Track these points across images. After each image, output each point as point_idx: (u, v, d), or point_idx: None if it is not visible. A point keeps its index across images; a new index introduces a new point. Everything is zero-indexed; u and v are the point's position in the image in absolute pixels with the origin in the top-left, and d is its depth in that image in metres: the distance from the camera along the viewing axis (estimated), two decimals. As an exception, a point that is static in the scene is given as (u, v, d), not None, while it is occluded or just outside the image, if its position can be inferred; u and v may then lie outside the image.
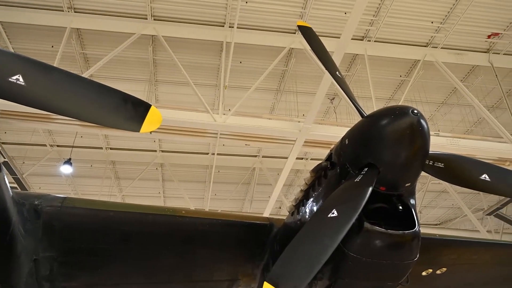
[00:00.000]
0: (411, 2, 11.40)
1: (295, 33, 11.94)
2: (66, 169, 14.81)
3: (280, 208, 19.47)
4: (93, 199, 4.24)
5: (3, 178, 3.21)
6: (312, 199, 3.94)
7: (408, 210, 3.41)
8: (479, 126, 15.37)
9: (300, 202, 4.13)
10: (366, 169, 3.26)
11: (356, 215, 2.99)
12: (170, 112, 10.72)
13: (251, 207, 19.58)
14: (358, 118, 3.62)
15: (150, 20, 11.46)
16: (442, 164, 3.36)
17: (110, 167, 17.04)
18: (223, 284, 4.74)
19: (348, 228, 2.94)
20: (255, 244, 4.50)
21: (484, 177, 3.35)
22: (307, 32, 4.64)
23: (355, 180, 3.22)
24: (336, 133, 10.88)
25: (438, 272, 4.67)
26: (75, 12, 11.22)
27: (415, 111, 3.10)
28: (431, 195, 19.59)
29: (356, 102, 3.89)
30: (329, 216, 3.03)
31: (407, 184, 3.34)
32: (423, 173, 3.38)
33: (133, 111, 2.58)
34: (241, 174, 17.57)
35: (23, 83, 2.36)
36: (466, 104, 14.27)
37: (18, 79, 2.35)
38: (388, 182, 3.29)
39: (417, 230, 3.31)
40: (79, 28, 11.64)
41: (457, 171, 3.40)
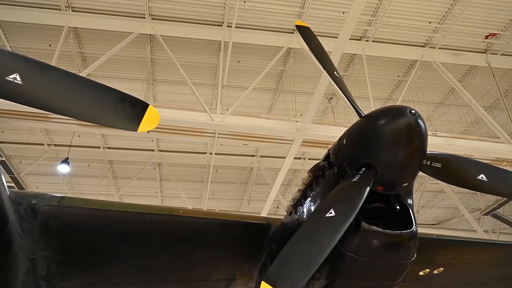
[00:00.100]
0: (409, 2, 11.42)
1: (293, 33, 11.93)
2: (64, 168, 14.78)
3: (278, 207, 19.49)
4: (90, 199, 4.23)
5: (0, 177, 3.20)
6: (309, 198, 3.94)
7: (405, 210, 3.42)
8: (477, 126, 15.42)
9: (298, 202, 4.14)
10: (363, 169, 3.26)
11: (354, 215, 2.99)
12: (168, 111, 10.71)
13: (248, 207, 19.57)
14: (356, 118, 3.63)
15: (148, 19, 11.45)
16: (440, 164, 3.36)
17: (108, 166, 17.01)
18: (221, 283, 4.74)
19: (346, 228, 2.95)
20: (253, 244, 4.50)
21: (481, 177, 3.35)
22: (305, 32, 4.65)
23: (353, 180, 3.22)
24: (334, 133, 10.88)
25: (435, 272, 4.68)
26: (72, 11, 11.19)
27: (413, 111, 3.11)
28: (429, 195, 19.63)
29: (354, 102, 3.90)
30: (326, 215, 3.04)
31: (404, 184, 3.35)
32: (420, 173, 3.39)
33: (130, 110, 2.58)
34: (239, 173, 17.57)
35: (21, 82, 2.35)
36: (464, 105, 14.31)
37: (16, 78, 2.34)
38: (385, 182, 3.30)
39: (414, 230, 3.31)
40: (77, 27, 11.60)
41: (454, 171, 3.40)
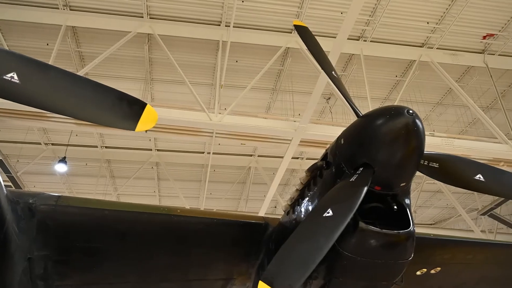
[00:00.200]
0: (407, 2, 11.43)
1: (291, 32, 11.93)
2: (61, 167, 14.73)
3: (275, 207, 19.48)
4: (88, 198, 4.21)
5: (-3, 177, 3.20)
6: (307, 198, 3.94)
7: (403, 210, 3.42)
8: (474, 126, 15.44)
9: (296, 202, 4.14)
10: (361, 168, 3.27)
11: (351, 215, 3.00)
12: (165, 111, 10.69)
13: (246, 207, 19.57)
14: (354, 118, 3.64)
15: (146, 19, 11.42)
16: (437, 164, 3.37)
17: (105, 165, 16.97)
18: (218, 283, 4.74)
19: (343, 228, 2.95)
20: (250, 243, 4.50)
21: (479, 177, 3.36)
22: (303, 32, 4.65)
23: (351, 180, 3.23)
24: (331, 132, 10.87)
25: (433, 271, 4.69)
26: (70, 9, 11.16)
27: (411, 111, 3.12)
28: (426, 195, 19.67)
29: (352, 102, 3.90)
30: (324, 215, 3.04)
31: (402, 184, 3.35)
32: (418, 173, 3.39)
33: (128, 109, 2.58)
34: (236, 173, 17.57)
35: (18, 81, 2.34)
36: (461, 105, 14.34)
37: (13, 77, 2.33)
38: (383, 181, 3.30)
39: (411, 229, 3.32)
40: (75, 26, 11.57)
41: (451, 171, 3.41)
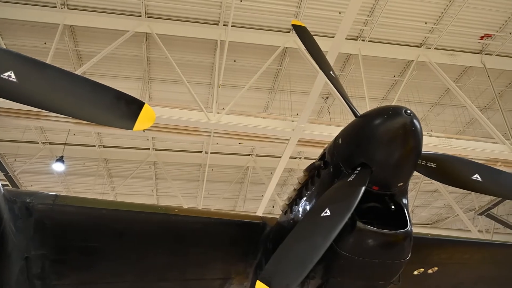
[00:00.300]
0: (405, 2, 11.45)
1: (289, 32, 11.94)
2: (59, 166, 14.70)
3: (273, 207, 19.49)
4: (85, 197, 4.22)
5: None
6: (305, 198, 3.94)
7: (400, 210, 3.43)
8: (471, 126, 15.48)
9: (293, 201, 4.14)
10: (359, 168, 3.27)
11: (349, 215, 3.00)
12: (163, 110, 10.67)
13: (244, 206, 19.58)
14: (352, 118, 3.63)
15: (144, 18, 11.41)
16: (435, 164, 3.37)
17: (103, 165, 16.95)
18: (216, 282, 4.74)
19: (341, 227, 2.96)
20: (248, 243, 4.50)
21: (476, 177, 3.37)
22: (301, 32, 4.65)
23: (348, 180, 3.23)
24: (329, 132, 10.89)
25: (430, 271, 4.70)
26: (68, 8, 11.14)
27: (408, 111, 3.12)
28: (423, 195, 19.71)
29: (350, 101, 3.90)
30: (322, 215, 3.04)
31: (399, 184, 3.36)
32: (415, 173, 3.40)
33: (126, 109, 2.57)
34: (234, 172, 17.57)
35: (15, 80, 2.33)
36: (459, 105, 14.38)
37: (10, 75, 2.32)
38: (380, 181, 3.30)
39: (409, 229, 3.32)
40: (72, 25, 11.54)
41: (449, 171, 3.42)
